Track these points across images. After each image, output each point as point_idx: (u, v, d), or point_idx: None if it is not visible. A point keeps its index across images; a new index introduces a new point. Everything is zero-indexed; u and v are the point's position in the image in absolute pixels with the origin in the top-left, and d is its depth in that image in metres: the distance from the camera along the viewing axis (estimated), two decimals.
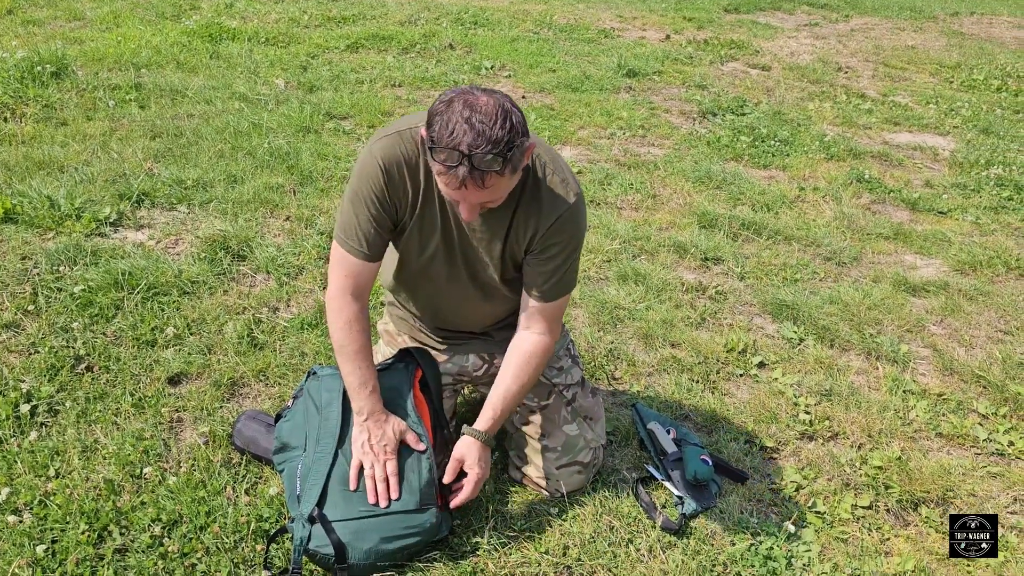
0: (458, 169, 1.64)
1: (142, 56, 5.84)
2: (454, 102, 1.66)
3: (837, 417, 2.74)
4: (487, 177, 1.66)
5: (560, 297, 2.06)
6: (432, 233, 2.02)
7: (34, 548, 1.95)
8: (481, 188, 1.68)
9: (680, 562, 2.09)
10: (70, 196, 3.61)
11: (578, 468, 2.28)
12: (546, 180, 1.94)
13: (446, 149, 1.63)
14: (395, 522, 1.96)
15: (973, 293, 3.65)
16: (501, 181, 1.71)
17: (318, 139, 4.70)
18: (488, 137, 1.62)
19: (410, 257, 2.09)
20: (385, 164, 1.90)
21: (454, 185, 1.69)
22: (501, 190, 1.75)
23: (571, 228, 1.97)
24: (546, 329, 2.08)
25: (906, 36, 9.22)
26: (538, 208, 1.94)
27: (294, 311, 3.07)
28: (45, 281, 3.04)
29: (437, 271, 2.10)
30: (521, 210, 1.95)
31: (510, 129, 1.65)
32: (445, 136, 1.64)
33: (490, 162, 1.64)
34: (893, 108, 6.42)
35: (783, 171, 4.98)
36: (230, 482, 2.22)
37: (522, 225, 1.97)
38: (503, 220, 1.97)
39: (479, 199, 1.75)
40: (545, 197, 1.94)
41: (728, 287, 3.55)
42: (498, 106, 1.65)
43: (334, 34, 7.05)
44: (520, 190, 1.93)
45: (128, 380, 2.59)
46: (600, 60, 6.99)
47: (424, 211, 1.98)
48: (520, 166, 1.74)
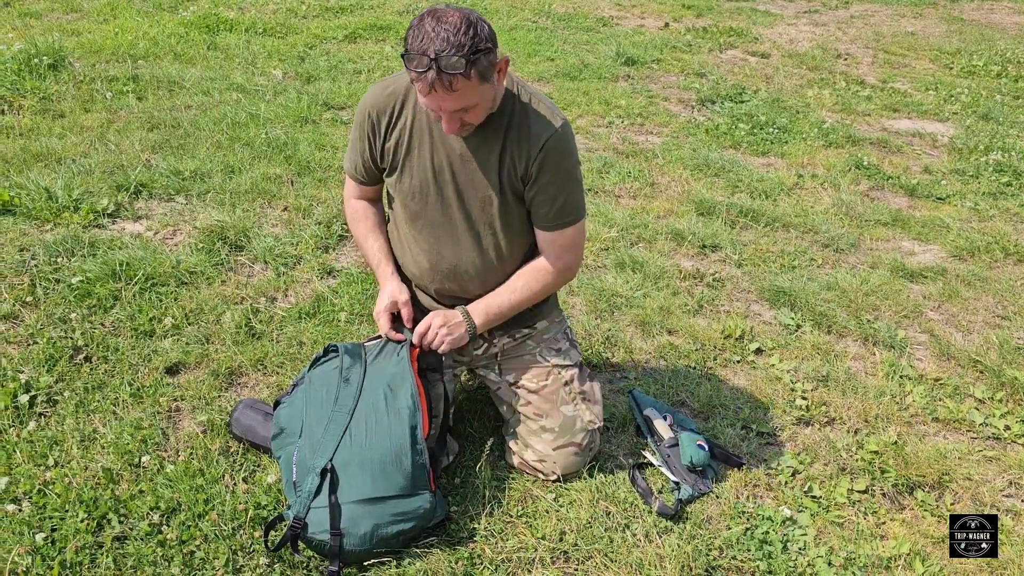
0: (427, 74, 1.79)
1: (139, 48, 5.84)
2: (425, 17, 1.81)
3: (834, 403, 2.75)
4: (454, 80, 1.79)
5: (565, 226, 2.15)
6: (423, 171, 2.11)
7: (33, 536, 1.96)
8: (450, 91, 1.81)
9: (676, 547, 2.10)
10: (68, 188, 3.62)
11: (575, 449, 2.29)
12: (531, 105, 2.07)
13: (416, 55, 1.79)
14: (388, 507, 1.97)
15: (971, 279, 3.65)
16: (469, 85, 1.82)
17: (316, 129, 4.70)
18: (453, 43, 1.77)
19: (406, 200, 2.16)
20: (372, 110, 2.12)
21: (425, 91, 1.83)
22: (471, 95, 1.86)
23: (561, 150, 2.07)
24: (555, 254, 2.18)
25: (906, 22, 9.19)
26: (528, 132, 2.05)
27: (292, 300, 3.08)
28: (43, 272, 3.05)
29: (432, 218, 2.16)
30: (512, 135, 2.05)
31: (474, 36, 1.78)
32: (416, 45, 1.79)
33: (455, 63, 1.77)
34: (892, 95, 6.40)
35: (781, 158, 4.98)
36: (228, 470, 2.23)
37: (515, 150, 2.06)
38: (495, 146, 2.06)
39: (452, 105, 1.86)
40: (532, 121, 2.06)
41: (726, 274, 3.55)
42: (463, 17, 1.80)
43: (332, 24, 7.03)
44: (508, 115, 2.05)
45: (126, 370, 2.60)
46: (598, 48, 6.98)
47: (414, 145, 2.10)
48: (490, 76, 1.87)
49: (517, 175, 2.08)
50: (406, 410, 2.06)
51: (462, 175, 2.09)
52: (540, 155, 2.04)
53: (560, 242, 2.17)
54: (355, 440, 2.03)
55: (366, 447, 2.01)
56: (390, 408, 2.06)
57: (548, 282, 2.22)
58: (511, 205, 2.13)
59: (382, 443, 2.02)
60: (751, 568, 2.09)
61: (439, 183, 2.11)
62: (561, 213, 2.13)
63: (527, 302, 2.23)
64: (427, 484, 2.02)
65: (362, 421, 2.05)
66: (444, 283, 2.25)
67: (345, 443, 2.02)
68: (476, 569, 2.02)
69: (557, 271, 2.21)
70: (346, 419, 2.06)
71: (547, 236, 2.17)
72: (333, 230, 3.58)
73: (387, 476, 1.99)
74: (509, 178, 2.09)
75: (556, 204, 2.11)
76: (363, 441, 2.02)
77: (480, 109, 1.93)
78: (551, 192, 2.09)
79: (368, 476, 1.99)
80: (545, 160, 2.05)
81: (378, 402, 2.08)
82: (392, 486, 1.99)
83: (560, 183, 2.09)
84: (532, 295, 2.22)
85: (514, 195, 2.12)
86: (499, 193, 2.10)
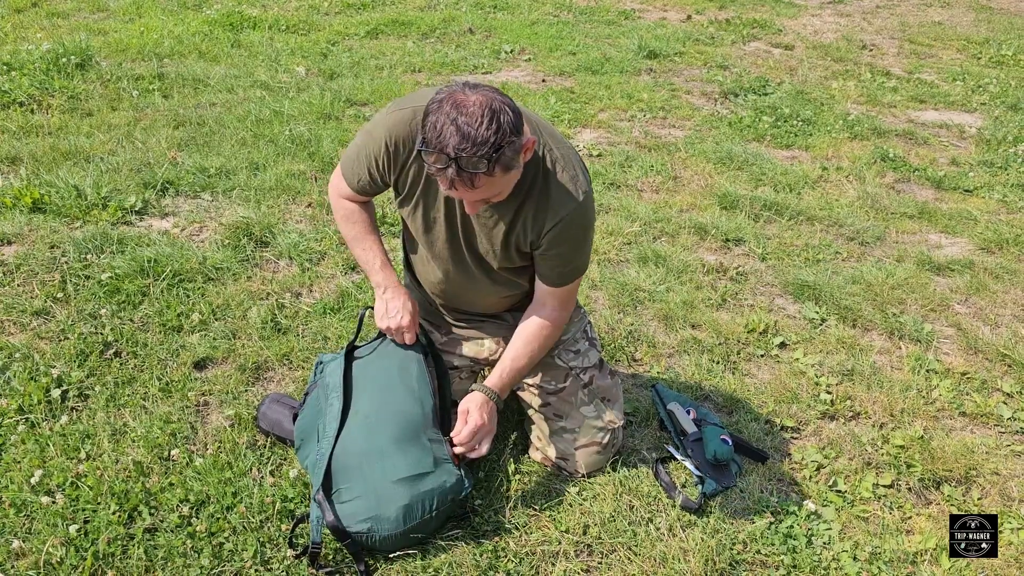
0: (447, 171, 1.67)
1: (164, 46, 5.90)
2: (443, 103, 1.67)
3: (859, 397, 2.73)
4: (476, 178, 1.67)
5: (571, 282, 2.10)
6: (435, 212, 2.06)
7: (67, 528, 2.00)
8: (471, 188, 1.70)
9: (699, 540, 2.10)
10: (96, 185, 3.67)
11: (596, 449, 2.30)
12: (556, 175, 1.93)
13: (434, 152, 1.66)
14: (415, 486, 1.99)
15: (999, 271, 3.61)
16: (493, 180, 1.71)
17: (339, 126, 4.72)
18: (474, 139, 1.63)
19: (417, 231, 2.14)
20: (391, 140, 1.96)
21: (446, 186, 1.73)
22: (496, 188, 1.76)
23: (578, 225, 1.98)
24: (557, 307, 2.14)
25: (932, 12, 9.07)
26: (546, 205, 1.94)
27: (316, 296, 3.11)
28: (73, 269, 3.10)
29: (442, 250, 2.13)
30: (529, 204, 1.96)
31: (497, 129, 1.64)
32: (434, 139, 1.66)
33: (476, 163, 1.64)
34: (919, 86, 6.32)
35: (806, 151, 4.94)
36: (255, 463, 2.26)
37: (529, 219, 1.97)
38: (509, 211, 1.97)
39: (474, 198, 1.78)
40: (554, 194, 1.93)
41: (749, 268, 3.53)
42: (485, 106, 1.65)
43: (354, 21, 7.06)
44: (529, 183, 1.93)
45: (155, 365, 2.64)
46: (620, 42, 6.95)
47: (428, 188, 2.02)
48: (514, 164, 1.74)
49: (527, 241, 2.02)
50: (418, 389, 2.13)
51: (472, 226, 2.05)
52: (554, 231, 1.96)
53: (558, 297, 2.11)
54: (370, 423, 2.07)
55: (380, 429, 2.05)
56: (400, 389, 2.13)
57: (554, 334, 2.17)
58: (515, 260, 2.10)
59: (397, 422, 2.06)
60: (775, 562, 2.09)
61: (451, 226, 2.07)
62: (566, 274, 2.08)
63: (539, 357, 2.18)
64: (448, 456, 2.06)
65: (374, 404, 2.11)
66: (449, 300, 2.29)
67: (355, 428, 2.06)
68: (500, 562, 2.03)
69: (561, 321, 2.16)
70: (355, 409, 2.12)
71: (547, 290, 2.11)
72: None
73: (407, 454, 2.02)
74: (516, 242, 2.03)
75: (562, 268, 2.06)
76: (376, 423, 2.06)
77: (504, 193, 1.84)
78: (559, 261, 2.03)
79: (389, 456, 2.01)
80: (559, 235, 1.97)
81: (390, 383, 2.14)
82: (414, 464, 2.01)
83: (569, 254, 2.02)
84: (543, 350, 2.17)
85: (519, 253, 2.07)
86: (504, 249, 2.05)
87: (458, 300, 2.29)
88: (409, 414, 2.10)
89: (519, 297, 2.28)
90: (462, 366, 2.36)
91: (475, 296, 2.25)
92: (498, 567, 2.01)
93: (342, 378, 2.18)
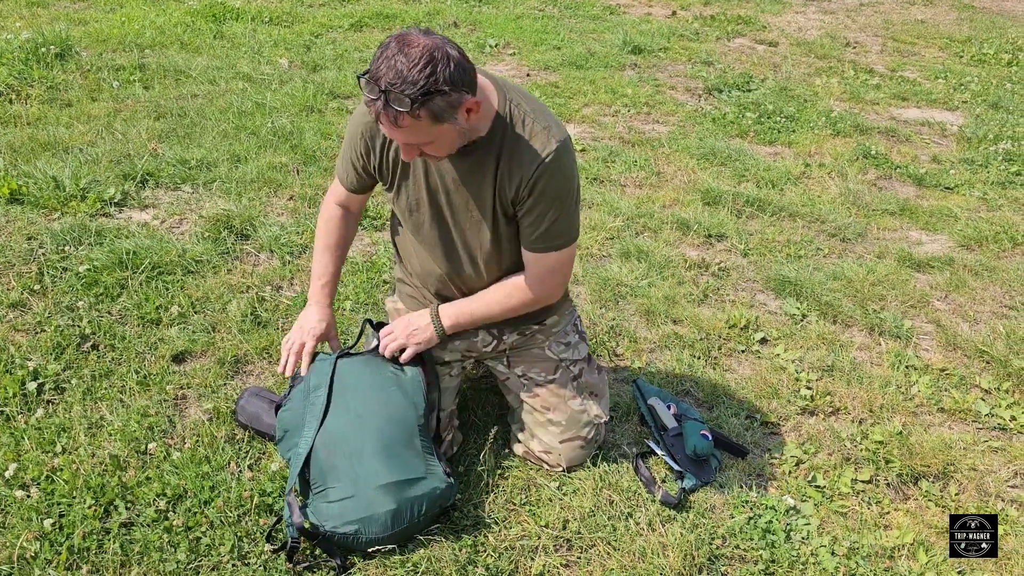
0: (376, 103, 1.70)
1: (146, 37, 5.84)
2: (394, 40, 1.70)
3: (839, 392, 2.75)
4: (400, 117, 1.70)
5: (549, 251, 2.05)
6: (418, 194, 2.07)
7: (41, 522, 1.98)
8: (395, 127, 1.73)
9: (679, 535, 2.10)
10: (75, 177, 3.63)
11: (580, 443, 2.29)
12: (527, 126, 1.95)
13: (369, 82, 1.70)
14: (404, 491, 1.98)
15: (978, 268, 3.64)
16: (418, 125, 1.72)
17: (321, 118, 4.70)
18: (404, 78, 1.66)
19: (404, 216, 2.16)
20: (366, 129, 2.05)
21: (372, 117, 1.79)
22: (424, 134, 1.77)
23: (554, 174, 1.95)
24: (535, 278, 2.11)
25: (916, 10, 9.12)
26: (520, 156, 1.94)
27: (297, 289, 3.09)
28: (51, 261, 3.06)
29: (428, 233, 2.14)
30: (504, 157, 1.96)
31: (430, 75, 1.66)
32: (372, 70, 1.70)
33: (400, 100, 1.67)
34: (901, 83, 6.36)
35: (789, 147, 4.96)
36: (234, 457, 2.25)
37: (507, 176, 1.97)
38: (487, 171, 1.98)
39: (401, 138, 1.79)
40: (525, 146, 1.94)
41: (731, 264, 3.54)
42: (428, 51, 1.67)
43: (338, 13, 7.02)
44: (500, 137, 1.94)
45: (133, 358, 2.62)
46: (605, 37, 6.95)
47: (407, 169, 2.06)
48: (447, 116, 1.74)
49: (509, 198, 2.01)
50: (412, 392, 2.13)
51: (456, 197, 2.04)
52: (532, 179, 1.94)
53: (541, 265, 2.08)
54: (362, 422, 2.06)
55: (372, 431, 2.04)
56: (394, 391, 2.12)
57: (525, 301, 2.15)
58: (502, 229, 2.07)
59: (390, 424, 2.06)
60: (754, 557, 2.10)
61: (434, 204, 2.07)
62: (546, 236, 2.02)
63: (500, 316, 2.18)
64: (438, 464, 2.06)
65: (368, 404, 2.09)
66: (441, 289, 2.27)
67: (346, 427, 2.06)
68: (479, 556, 2.03)
69: (535, 294, 2.14)
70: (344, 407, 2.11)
71: (530, 257, 2.08)
72: None
73: (399, 458, 2.01)
74: (502, 203, 2.02)
75: (542, 227, 2.01)
76: (368, 424, 2.05)
77: (439, 146, 1.84)
78: (537, 214, 2.00)
79: (380, 460, 2.00)
80: (536, 183, 1.94)
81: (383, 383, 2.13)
82: (406, 468, 2.00)
83: (548, 206, 1.98)
84: (505, 311, 2.17)
85: (505, 218, 2.06)
86: (492, 217, 2.04)
87: (449, 288, 2.26)
88: (402, 417, 2.08)
89: None
90: (452, 361, 2.33)
91: (465, 281, 2.22)
92: (477, 562, 2.01)
93: (329, 377, 2.15)
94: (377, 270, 3.21)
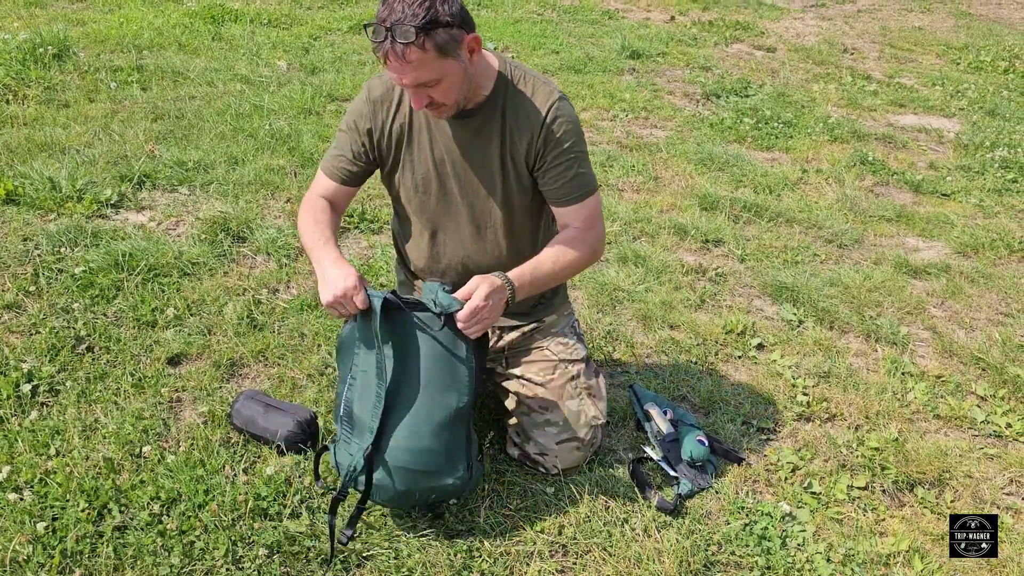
0: (383, 43, 1.78)
1: (144, 37, 5.84)
2: None
3: (835, 399, 2.75)
4: (407, 50, 1.77)
5: (586, 197, 2.09)
6: (424, 164, 2.10)
7: (35, 525, 1.97)
8: (404, 61, 1.79)
9: (675, 541, 2.10)
10: (72, 178, 3.62)
11: (576, 445, 2.29)
12: (527, 82, 2.05)
13: (376, 27, 1.79)
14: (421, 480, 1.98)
15: (975, 275, 3.64)
16: (425, 58, 1.80)
17: (319, 121, 4.69)
18: (408, 13, 1.76)
19: (409, 197, 2.15)
20: (371, 91, 2.09)
21: (383, 61, 1.83)
22: (429, 69, 1.82)
23: (564, 120, 2.03)
24: (582, 226, 2.10)
25: (913, 17, 9.15)
26: (526, 108, 2.03)
27: (294, 292, 3.08)
28: (46, 262, 3.05)
29: (436, 210, 2.15)
30: (510, 115, 2.03)
31: (430, 7, 1.77)
32: (377, 16, 1.79)
33: (406, 33, 1.75)
34: (898, 90, 6.37)
35: (786, 153, 4.96)
36: (228, 461, 2.24)
37: (516, 131, 2.04)
38: (493, 132, 2.04)
39: (411, 78, 1.83)
40: (529, 99, 2.04)
41: (728, 269, 3.54)
42: None
43: (337, 16, 7.02)
44: (503, 94, 2.03)
45: (128, 360, 2.61)
46: (604, 42, 6.96)
47: (412, 138, 2.08)
48: (452, 51, 1.83)
49: (521, 156, 2.05)
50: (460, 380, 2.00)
51: (462, 166, 2.08)
52: (544, 129, 2.02)
53: (584, 214, 2.09)
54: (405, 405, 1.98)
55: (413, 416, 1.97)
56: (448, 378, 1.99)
57: (583, 254, 2.09)
58: (513, 189, 2.10)
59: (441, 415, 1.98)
60: (749, 563, 2.09)
61: (440, 176, 2.11)
62: (575, 184, 2.07)
63: (561, 272, 2.09)
64: (464, 460, 2.02)
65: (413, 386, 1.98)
66: (449, 273, 2.25)
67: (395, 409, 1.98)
68: (475, 562, 2.02)
69: (589, 242, 2.09)
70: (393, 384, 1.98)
71: (570, 211, 2.09)
72: None
73: (425, 447, 1.97)
74: (513, 163, 2.06)
75: (571, 174, 2.05)
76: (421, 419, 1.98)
77: (447, 87, 1.88)
78: (564, 164, 2.04)
79: (406, 439, 1.96)
80: (550, 132, 2.02)
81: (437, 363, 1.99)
82: (430, 461, 1.98)
83: (568, 152, 2.04)
84: (568, 267, 2.08)
85: (518, 183, 2.09)
86: (501, 179, 2.08)
87: (457, 270, 2.23)
88: (443, 403, 1.98)
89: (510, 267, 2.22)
90: None
91: (474, 257, 2.20)
92: (472, 567, 2.00)
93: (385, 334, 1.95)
94: (374, 273, 3.21)
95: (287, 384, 2.57)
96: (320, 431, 2.35)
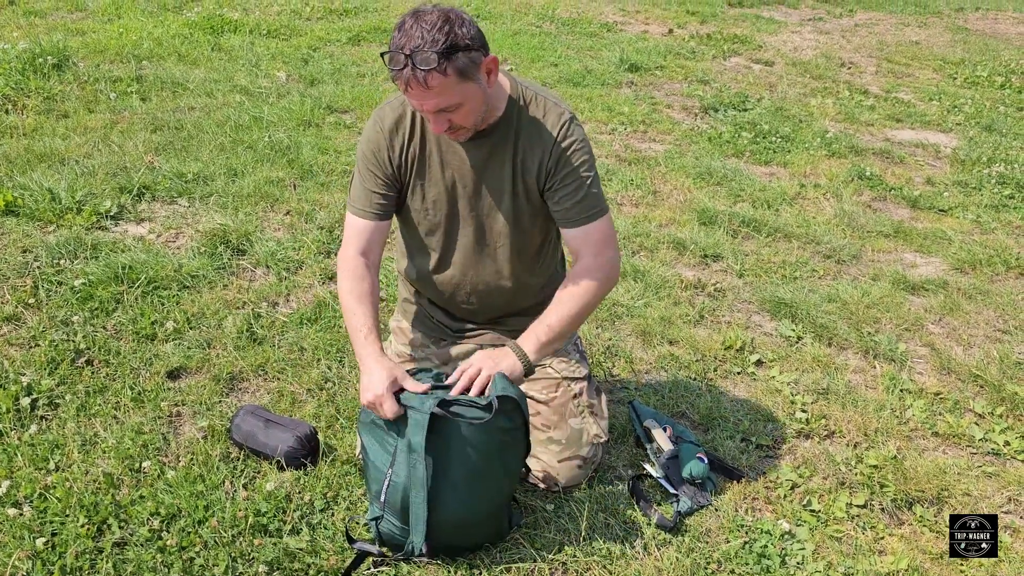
0: (403, 72, 1.78)
1: (143, 48, 5.85)
2: (406, 18, 1.81)
3: (834, 416, 2.75)
4: (429, 76, 1.77)
5: (595, 219, 2.08)
6: (435, 187, 2.10)
7: (34, 541, 1.97)
8: (426, 88, 1.80)
9: (675, 559, 2.10)
10: (71, 189, 3.62)
11: (579, 463, 2.29)
12: (538, 107, 2.07)
13: (394, 53, 1.79)
14: (477, 540, 2.08)
15: (972, 292, 3.65)
16: (446, 83, 1.80)
17: (319, 133, 4.70)
18: (427, 39, 1.76)
19: (419, 220, 2.16)
20: (382, 120, 2.09)
21: (403, 89, 1.84)
22: (450, 94, 1.83)
23: (574, 140, 2.05)
24: (593, 253, 2.09)
25: (910, 32, 9.20)
26: (538, 129, 2.05)
27: (293, 306, 3.09)
28: (46, 274, 3.05)
29: (444, 232, 2.16)
30: (523, 137, 2.05)
31: (448, 31, 1.77)
32: (394, 44, 1.80)
33: (427, 59, 1.76)
34: (896, 105, 6.41)
35: (784, 168, 4.98)
36: (228, 476, 2.24)
37: (528, 152, 2.05)
38: (506, 154, 2.06)
39: (432, 105, 1.85)
40: (542, 114, 2.06)
41: (727, 284, 3.55)
42: (442, 15, 1.79)
43: (336, 27, 7.04)
44: (516, 116, 2.05)
45: (128, 374, 2.61)
46: (602, 55, 6.99)
47: (425, 161, 2.09)
48: (472, 74, 1.84)
49: (532, 176, 2.07)
50: (513, 465, 2.08)
51: (474, 187, 2.10)
52: (555, 148, 2.03)
53: (595, 237, 2.08)
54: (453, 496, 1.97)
55: (474, 514, 2.02)
56: (496, 462, 2.01)
57: (595, 285, 2.07)
58: (523, 207, 2.11)
59: (490, 500, 2.04)
60: None
61: (452, 198, 2.11)
62: (588, 205, 2.06)
63: (578, 315, 2.07)
64: (507, 518, 2.13)
65: (462, 476, 1.97)
66: (455, 293, 2.26)
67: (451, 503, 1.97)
68: None
69: (600, 269, 2.07)
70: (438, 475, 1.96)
71: (579, 233, 2.08)
72: (335, 235, 3.59)
73: (477, 534, 2.08)
74: (524, 183, 2.08)
75: (580, 195, 2.06)
76: (471, 509, 2.00)
77: (468, 111, 1.90)
78: (573, 184, 2.05)
79: (459, 534, 2.04)
80: (562, 152, 2.04)
81: (488, 455, 1.98)
82: (479, 535, 2.08)
83: (578, 171, 2.05)
84: (582, 306, 2.07)
85: (528, 203, 2.10)
86: (511, 198, 2.09)
87: (463, 290, 2.23)
88: (497, 490, 2.05)
89: (520, 293, 2.26)
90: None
91: (481, 276, 2.21)
92: None
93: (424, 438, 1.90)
94: None
95: (287, 399, 2.57)
96: (320, 446, 2.35)
